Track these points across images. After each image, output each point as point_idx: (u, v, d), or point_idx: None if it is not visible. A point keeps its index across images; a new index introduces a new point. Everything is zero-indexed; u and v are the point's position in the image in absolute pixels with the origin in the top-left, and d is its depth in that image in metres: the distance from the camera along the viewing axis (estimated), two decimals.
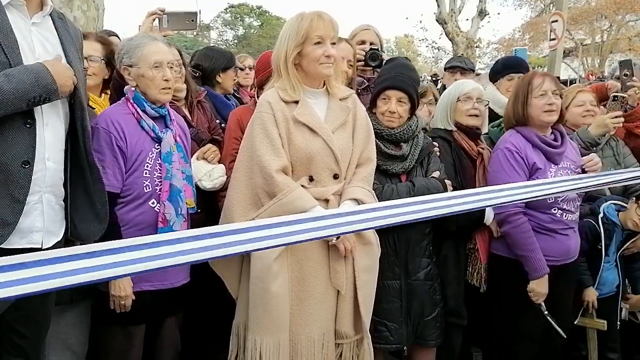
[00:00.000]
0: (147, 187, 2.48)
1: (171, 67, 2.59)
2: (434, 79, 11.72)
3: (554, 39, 9.90)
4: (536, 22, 28.55)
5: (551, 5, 20.98)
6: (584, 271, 3.21)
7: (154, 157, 2.51)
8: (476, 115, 3.09)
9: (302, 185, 2.43)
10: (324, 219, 1.78)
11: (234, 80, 3.71)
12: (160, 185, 2.50)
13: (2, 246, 1.88)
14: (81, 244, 2.25)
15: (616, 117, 3.36)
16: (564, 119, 3.11)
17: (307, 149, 2.44)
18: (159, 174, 2.50)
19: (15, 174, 1.87)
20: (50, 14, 2.06)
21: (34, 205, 1.97)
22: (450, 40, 20.33)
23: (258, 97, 2.88)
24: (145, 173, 2.48)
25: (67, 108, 2.09)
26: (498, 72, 3.99)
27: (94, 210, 2.18)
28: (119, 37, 4.27)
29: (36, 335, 2.11)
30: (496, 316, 3.04)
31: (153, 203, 2.49)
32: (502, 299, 2.99)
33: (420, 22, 38.32)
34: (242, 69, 4.46)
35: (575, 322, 3.24)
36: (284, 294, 2.39)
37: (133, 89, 2.54)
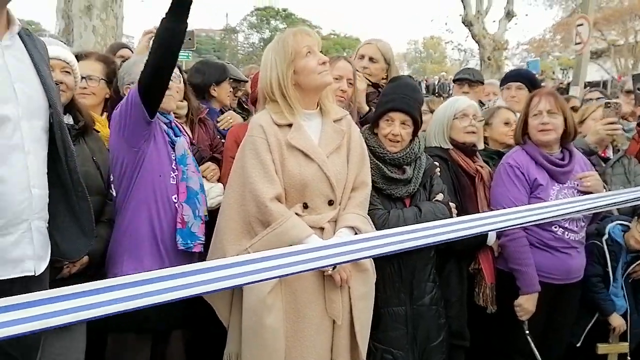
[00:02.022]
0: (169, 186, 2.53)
1: (171, 80, 2.58)
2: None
3: (579, 43, 9.71)
4: (567, 22, 28.11)
5: None
6: (606, 297, 3.12)
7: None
8: (473, 132, 3.05)
9: (296, 213, 2.36)
10: (320, 250, 1.74)
11: (230, 92, 3.68)
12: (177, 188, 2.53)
13: None
14: (66, 263, 2.31)
15: (609, 123, 3.28)
16: (572, 136, 3.03)
17: (301, 175, 2.36)
18: (175, 175, 2.54)
19: None
20: (18, 32, 2.01)
21: (23, 234, 1.95)
22: (476, 42, 20.09)
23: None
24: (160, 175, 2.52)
25: (46, 129, 2.06)
26: (501, 82, 4.22)
27: (79, 226, 2.16)
28: (131, 50, 4.31)
29: (26, 356, 2.11)
30: (495, 331, 3.03)
31: (175, 198, 2.52)
32: (501, 313, 2.97)
33: (446, 24, 38.06)
34: (246, 81, 4.46)
35: (598, 352, 3.17)
36: (278, 327, 2.31)
37: None
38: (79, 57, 3.04)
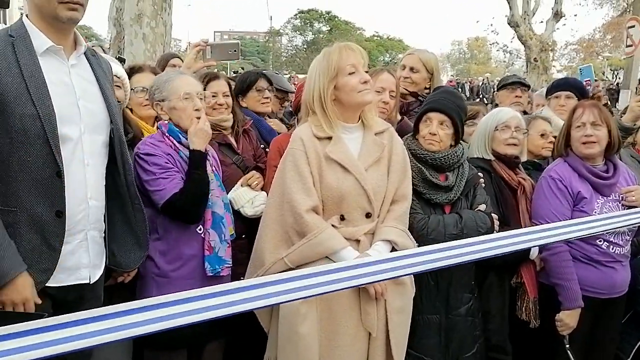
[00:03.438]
0: None
1: (201, 99, 2.66)
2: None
3: (630, 46, 9.42)
4: (618, 21, 27.29)
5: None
6: None
7: None
8: (515, 145, 3.01)
9: (332, 225, 2.38)
10: (358, 268, 1.77)
11: (264, 99, 3.65)
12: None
13: (52, 284, 1.98)
14: (121, 272, 2.38)
15: None
16: (616, 148, 2.97)
17: (338, 187, 2.40)
18: None
19: (51, 224, 1.94)
20: (84, 52, 2.14)
21: (80, 243, 2.07)
22: (522, 43, 19.66)
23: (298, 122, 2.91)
24: None
25: (106, 144, 2.18)
26: (549, 90, 4.05)
27: (135, 238, 2.29)
28: (181, 59, 4.43)
29: None
30: (535, 345, 2.99)
31: (200, 229, 2.59)
32: (542, 326, 2.93)
33: (492, 25, 37.36)
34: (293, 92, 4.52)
35: None
36: (312, 336, 2.34)
37: (167, 121, 2.63)
38: (134, 70, 3.18)
